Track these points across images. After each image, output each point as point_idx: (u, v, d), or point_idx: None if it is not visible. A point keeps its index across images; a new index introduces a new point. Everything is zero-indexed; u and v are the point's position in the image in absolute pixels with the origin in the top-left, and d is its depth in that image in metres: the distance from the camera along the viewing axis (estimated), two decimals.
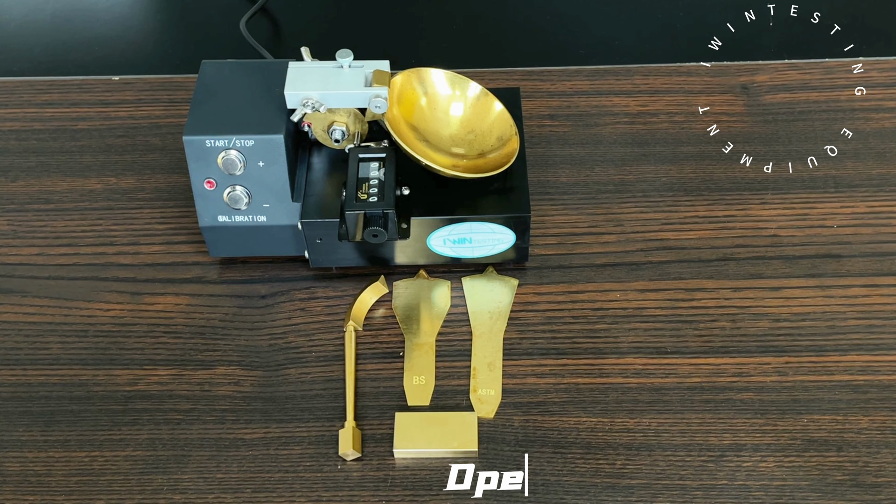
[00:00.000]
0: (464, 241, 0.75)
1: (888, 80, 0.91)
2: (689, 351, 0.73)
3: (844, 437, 0.68)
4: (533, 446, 0.68)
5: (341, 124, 0.74)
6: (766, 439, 0.68)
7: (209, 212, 0.74)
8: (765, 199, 0.82)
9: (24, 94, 0.93)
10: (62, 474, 0.68)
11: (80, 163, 0.87)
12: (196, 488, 0.67)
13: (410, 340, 0.74)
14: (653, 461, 0.67)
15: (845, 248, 0.78)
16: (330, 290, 0.77)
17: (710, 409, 0.69)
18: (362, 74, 0.72)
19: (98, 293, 0.77)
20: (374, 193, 0.72)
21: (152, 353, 0.74)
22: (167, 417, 0.70)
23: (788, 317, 0.74)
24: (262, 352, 0.74)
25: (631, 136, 0.87)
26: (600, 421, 0.69)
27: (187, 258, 0.80)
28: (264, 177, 0.72)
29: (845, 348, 0.72)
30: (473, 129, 0.78)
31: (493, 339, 0.74)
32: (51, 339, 0.75)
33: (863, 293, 0.76)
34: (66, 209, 0.83)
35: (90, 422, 0.70)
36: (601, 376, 0.72)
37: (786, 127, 0.87)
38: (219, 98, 0.73)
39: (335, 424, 0.70)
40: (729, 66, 0.93)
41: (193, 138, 0.71)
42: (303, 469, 0.68)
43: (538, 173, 0.84)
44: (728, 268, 0.77)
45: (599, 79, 0.92)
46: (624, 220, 0.81)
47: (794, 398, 0.70)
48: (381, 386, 0.72)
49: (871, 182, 0.83)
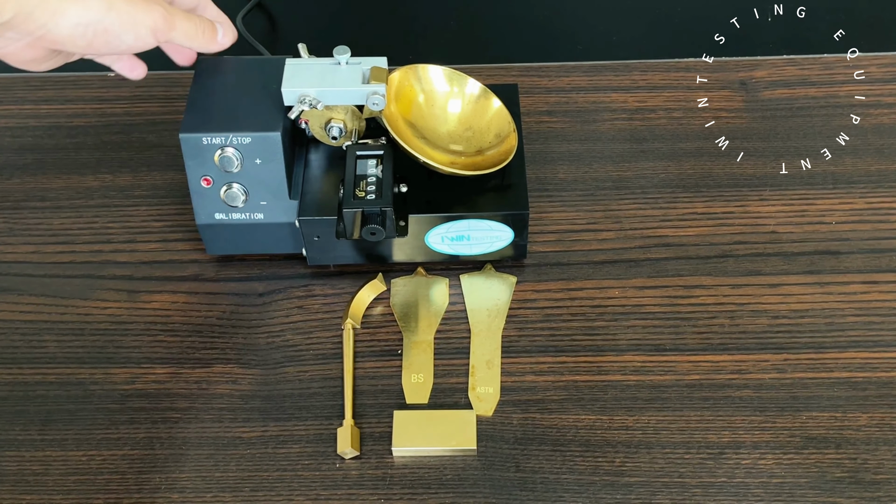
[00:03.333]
0: (462, 239, 0.75)
1: (887, 76, 0.90)
2: (688, 348, 0.73)
3: (843, 434, 0.68)
4: (531, 444, 0.68)
5: (339, 121, 0.74)
6: (765, 436, 0.68)
7: (206, 209, 0.74)
8: (763, 196, 0.82)
9: (19, 90, 0.92)
10: (59, 473, 0.68)
11: (76, 160, 0.86)
12: (194, 487, 0.67)
13: (409, 338, 0.74)
14: (651, 459, 0.67)
15: (844, 244, 0.78)
16: (328, 288, 0.77)
17: (708, 406, 0.69)
18: (360, 71, 0.72)
19: (95, 291, 0.77)
20: (372, 191, 0.72)
21: (149, 352, 0.74)
22: (165, 416, 0.70)
23: (787, 314, 0.74)
24: (259, 350, 0.74)
25: (629, 132, 0.87)
26: (599, 418, 0.69)
27: (184, 256, 0.79)
28: (261, 174, 0.72)
29: (844, 345, 0.72)
30: (471, 126, 0.78)
31: (492, 337, 0.74)
32: (47, 338, 0.75)
33: (861, 290, 0.75)
34: (62, 207, 0.83)
35: (87, 421, 0.70)
36: (600, 374, 0.71)
37: (784, 123, 0.87)
38: (215, 95, 0.73)
39: (333, 423, 0.69)
40: (727, 62, 0.92)
41: (190, 136, 0.70)
42: (301, 467, 0.67)
43: (536, 170, 0.84)
44: (727, 264, 0.77)
45: (597, 75, 0.92)
46: (622, 217, 0.81)
47: (792, 395, 0.70)
48: (380, 384, 0.72)
49: (869, 178, 0.83)
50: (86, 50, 0.65)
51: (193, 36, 0.68)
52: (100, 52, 0.65)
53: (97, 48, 0.64)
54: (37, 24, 0.61)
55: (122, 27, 0.63)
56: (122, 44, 0.65)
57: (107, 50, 0.65)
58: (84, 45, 0.63)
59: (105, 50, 0.65)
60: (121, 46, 0.65)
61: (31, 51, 0.65)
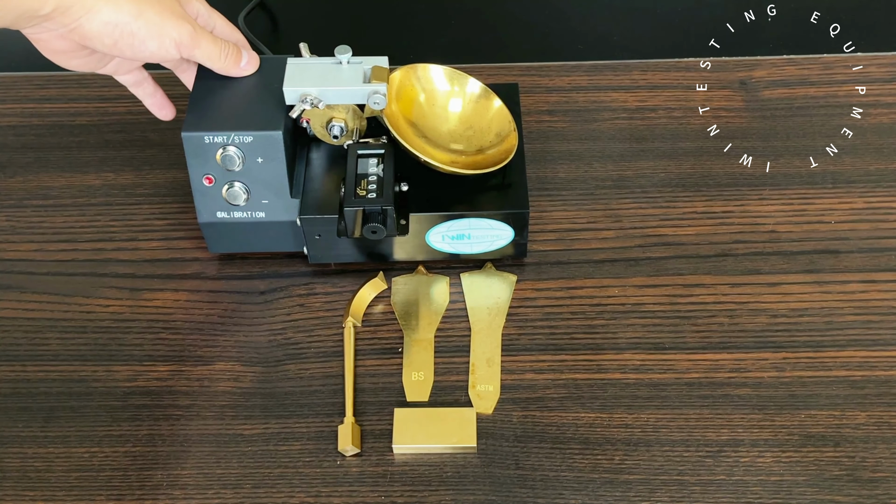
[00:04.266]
0: (462, 238, 0.75)
1: (887, 76, 0.91)
2: (687, 346, 0.73)
3: (842, 432, 0.68)
4: (531, 442, 0.68)
5: (340, 120, 0.74)
6: (764, 434, 0.68)
7: (208, 208, 0.74)
8: (763, 195, 0.82)
9: (21, 89, 0.93)
10: (62, 470, 0.68)
11: (78, 158, 0.87)
12: (196, 484, 0.67)
13: (409, 336, 0.74)
14: (651, 456, 0.67)
15: (843, 243, 0.79)
16: (329, 286, 0.77)
17: (707, 404, 0.70)
18: (361, 70, 0.72)
19: (97, 289, 0.78)
20: (373, 190, 0.72)
21: (151, 349, 0.74)
22: (166, 413, 0.70)
23: (786, 312, 0.75)
24: (261, 348, 0.74)
25: (629, 131, 0.88)
26: (598, 416, 0.69)
27: (186, 254, 0.80)
28: (263, 173, 0.72)
29: (843, 344, 0.73)
30: (472, 126, 0.78)
31: (492, 335, 0.74)
32: (50, 335, 0.75)
33: (860, 289, 0.76)
34: (65, 205, 0.83)
35: (90, 418, 0.70)
36: (599, 372, 0.72)
37: (784, 122, 0.87)
38: (217, 94, 0.73)
39: (334, 420, 0.70)
40: (727, 62, 0.93)
41: (192, 134, 0.71)
42: (302, 465, 0.68)
43: (536, 169, 0.84)
44: (726, 263, 0.78)
45: (598, 74, 0.92)
46: (622, 216, 0.81)
47: (791, 393, 0.70)
48: (380, 382, 0.72)
49: (868, 177, 0.83)
50: (111, 49, 0.68)
51: (215, 58, 0.71)
52: (124, 53, 0.68)
53: (122, 49, 0.68)
54: (72, 18, 0.65)
55: (148, 33, 0.67)
56: (145, 49, 0.68)
57: (130, 53, 0.68)
58: (110, 43, 0.67)
59: (129, 52, 0.68)
60: (144, 52, 0.68)
61: (61, 41, 0.68)
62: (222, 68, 0.72)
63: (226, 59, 0.71)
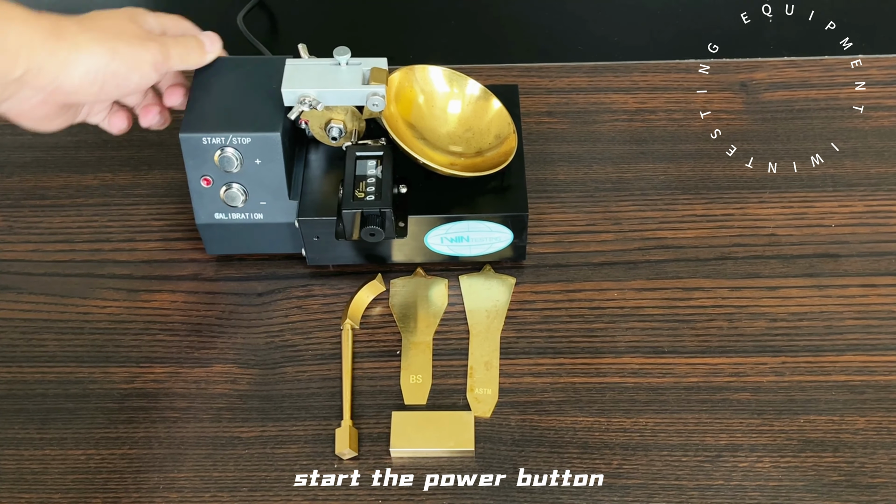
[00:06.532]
0: (461, 240, 0.75)
1: (888, 78, 0.90)
2: (686, 351, 0.73)
3: (841, 437, 0.68)
4: (529, 446, 0.68)
5: (338, 122, 0.74)
6: (763, 439, 0.68)
7: (206, 209, 0.74)
8: (763, 198, 0.82)
9: None
10: (58, 472, 0.68)
11: (76, 158, 0.86)
12: (192, 487, 0.67)
13: (407, 339, 0.74)
14: (649, 461, 0.67)
15: (843, 247, 0.78)
16: (327, 288, 0.77)
17: (706, 409, 0.69)
18: (360, 72, 0.72)
19: (94, 290, 0.77)
20: (372, 192, 0.72)
21: (149, 351, 0.74)
22: (163, 415, 0.70)
23: (785, 316, 0.74)
24: (258, 350, 0.74)
25: (629, 133, 0.87)
26: (597, 420, 0.69)
27: (184, 255, 0.79)
28: (261, 174, 0.72)
29: (842, 348, 0.72)
30: (471, 127, 0.78)
31: (490, 338, 0.74)
32: (46, 336, 0.75)
33: (860, 293, 0.75)
34: (62, 205, 0.83)
35: (86, 420, 0.70)
36: (598, 376, 0.71)
37: (784, 125, 0.87)
38: (215, 95, 0.73)
39: (332, 423, 0.69)
40: (728, 64, 0.92)
41: (190, 136, 0.71)
42: (299, 468, 0.67)
43: (536, 171, 0.84)
44: (725, 267, 0.77)
45: (598, 76, 0.92)
46: (622, 219, 0.81)
47: (790, 398, 0.70)
48: (378, 385, 0.72)
49: (869, 181, 0.83)
50: (97, 96, 0.67)
51: (187, 56, 0.71)
52: (110, 96, 0.68)
53: (108, 92, 0.67)
54: (48, 79, 0.63)
55: (127, 68, 0.66)
56: (129, 83, 0.68)
57: (117, 93, 0.68)
58: (96, 91, 0.66)
59: (115, 93, 0.68)
60: (129, 86, 0.68)
61: (43, 107, 0.67)
62: (197, 63, 0.72)
63: (194, 52, 0.71)
